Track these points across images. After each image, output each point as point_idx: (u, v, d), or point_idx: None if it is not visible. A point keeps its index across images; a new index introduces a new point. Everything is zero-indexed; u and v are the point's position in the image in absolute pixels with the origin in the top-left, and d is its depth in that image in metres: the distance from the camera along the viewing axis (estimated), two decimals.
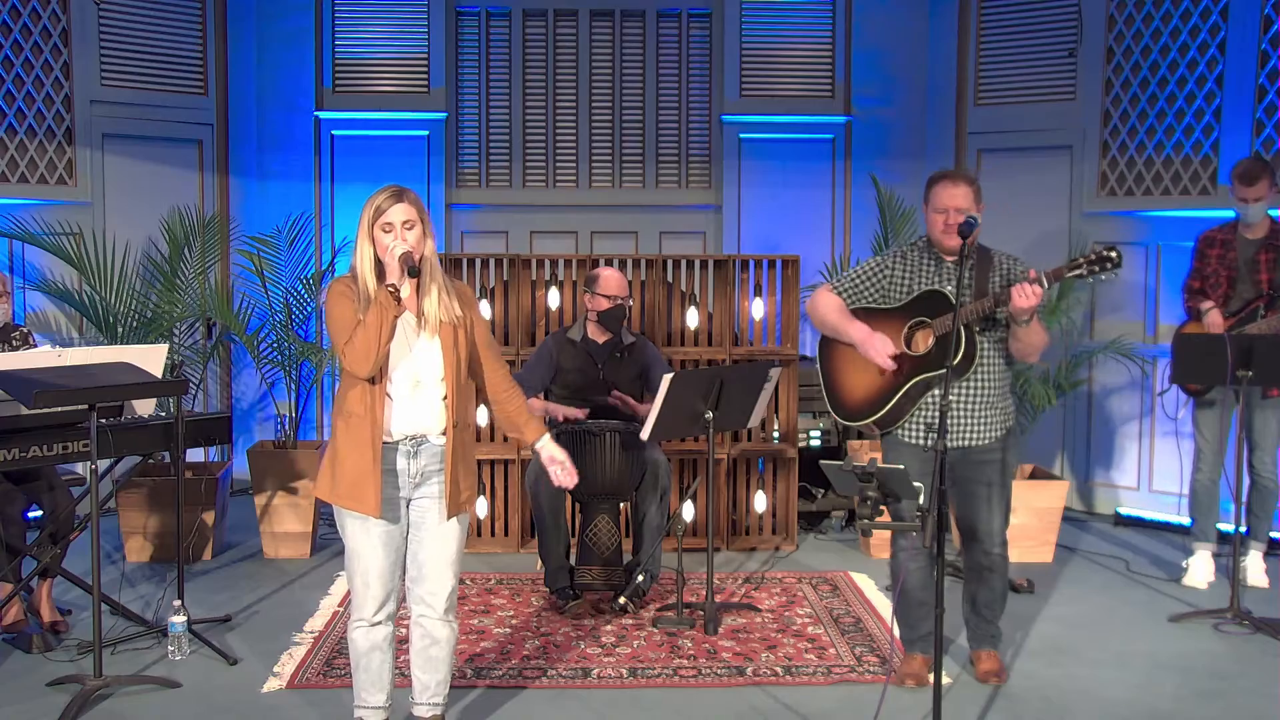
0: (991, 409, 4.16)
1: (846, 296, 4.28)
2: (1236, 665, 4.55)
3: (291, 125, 7.63)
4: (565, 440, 5.08)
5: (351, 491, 3.43)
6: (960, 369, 4.05)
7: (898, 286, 4.22)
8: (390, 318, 3.34)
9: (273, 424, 6.86)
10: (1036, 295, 3.87)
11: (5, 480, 4.69)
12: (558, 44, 7.79)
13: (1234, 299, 5.42)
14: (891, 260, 4.25)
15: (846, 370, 4.28)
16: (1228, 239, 5.46)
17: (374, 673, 3.58)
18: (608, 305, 5.29)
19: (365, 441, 3.41)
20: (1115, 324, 6.82)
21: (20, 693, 4.18)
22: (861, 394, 4.24)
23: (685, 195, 7.84)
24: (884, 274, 4.24)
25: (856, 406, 4.26)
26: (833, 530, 6.54)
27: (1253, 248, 5.40)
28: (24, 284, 6.58)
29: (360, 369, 3.35)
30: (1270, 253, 5.38)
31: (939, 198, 4.11)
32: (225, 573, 5.72)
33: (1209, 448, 5.50)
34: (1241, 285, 5.41)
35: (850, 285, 4.28)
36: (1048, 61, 7.04)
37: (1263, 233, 5.40)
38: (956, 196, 4.08)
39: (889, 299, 4.23)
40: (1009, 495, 4.27)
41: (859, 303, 4.26)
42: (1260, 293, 5.36)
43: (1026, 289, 3.87)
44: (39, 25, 6.66)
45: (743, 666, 4.46)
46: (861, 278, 4.27)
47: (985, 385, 4.14)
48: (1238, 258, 5.42)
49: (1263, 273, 5.37)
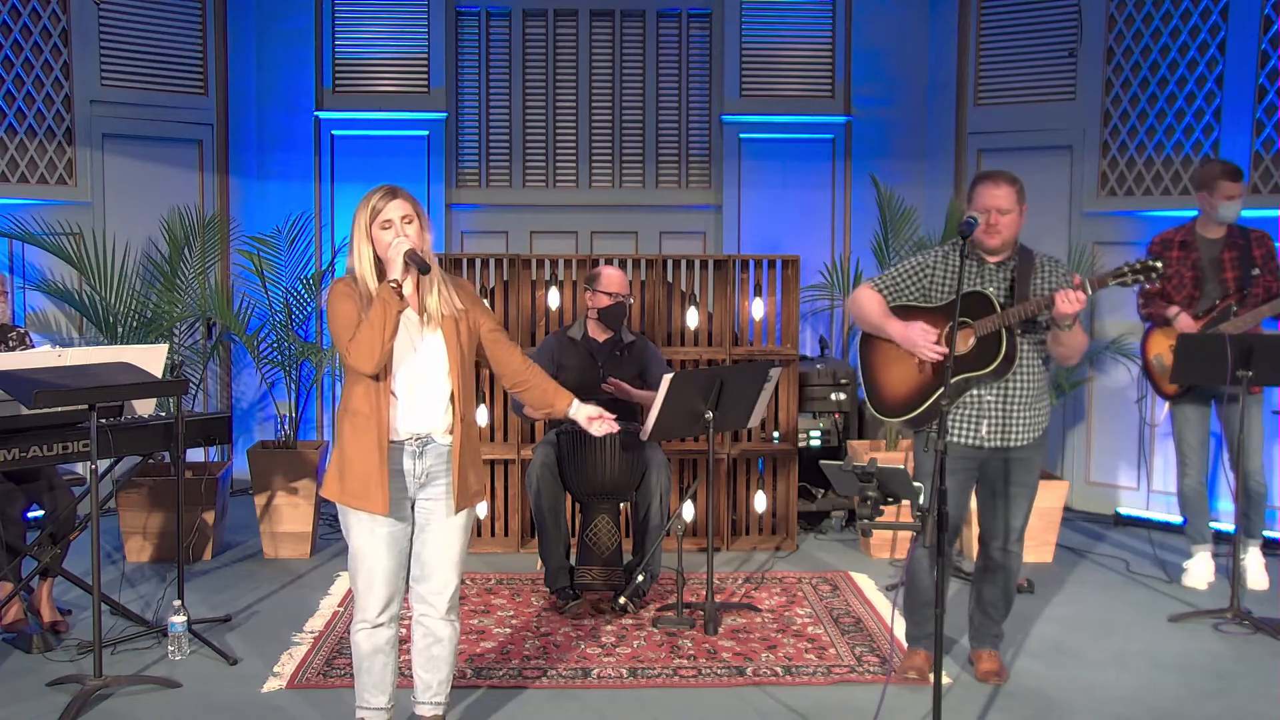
0: (1030, 409, 4.18)
1: (888, 294, 4.27)
2: (1236, 665, 4.55)
3: (291, 125, 7.62)
4: (565, 440, 5.09)
5: (359, 490, 3.43)
6: (1000, 370, 4.08)
7: (939, 286, 4.22)
8: (394, 313, 3.34)
9: (273, 424, 6.86)
10: (1081, 302, 3.90)
11: (5, 480, 4.69)
12: (558, 44, 7.79)
13: (1201, 300, 5.44)
14: (934, 259, 4.25)
15: (887, 367, 4.29)
16: (1187, 240, 5.49)
17: (377, 674, 3.58)
18: (608, 302, 5.29)
19: (372, 440, 3.41)
20: (1115, 324, 6.82)
21: (20, 693, 4.18)
22: (902, 391, 4.25)
23: (685, 195, 7.84)
24: (925, 273, 4.24)
25: (896, 403, 4.27)
26: (833, 530, 6.54)
27: (1216, 247, 5.44)
28: (24, 284, 6.58)
29: (365, 365, 3.35)
30: (1234, 251, 5.42)
31: (980, 198, 4.10)
32: (225, 573, 5.72)
33: (1192, 451, 5.51)
34: (1208, 285, 5.44)
35: (892, 283, 4.28)
36: (1048, 61, 7.04)
37: (1223, 232, 5.45)
38: (998, 197, 4.08)
39: (930, 298, 4.23)
40: (1034, 498, 4.30)
41: (900, 300, 4.26)
42: (1228, 291, 5.39)
43: (1071, 295, 3.89)
44: (39, 25, 6.66)
45: (743, 666, 4.46)
46: (903, 276, 4.27)
47: (1025, 386, 4.15)
48: (1201, 258, 5.45)
49: (1228, 271, 5.41)
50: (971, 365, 4.08)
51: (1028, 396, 4.16)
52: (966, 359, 4.08)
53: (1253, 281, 5.37)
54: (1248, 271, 5.38)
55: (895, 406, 4.27)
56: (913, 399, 4.21)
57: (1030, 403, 4.17)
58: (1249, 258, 5.40)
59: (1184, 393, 5.46)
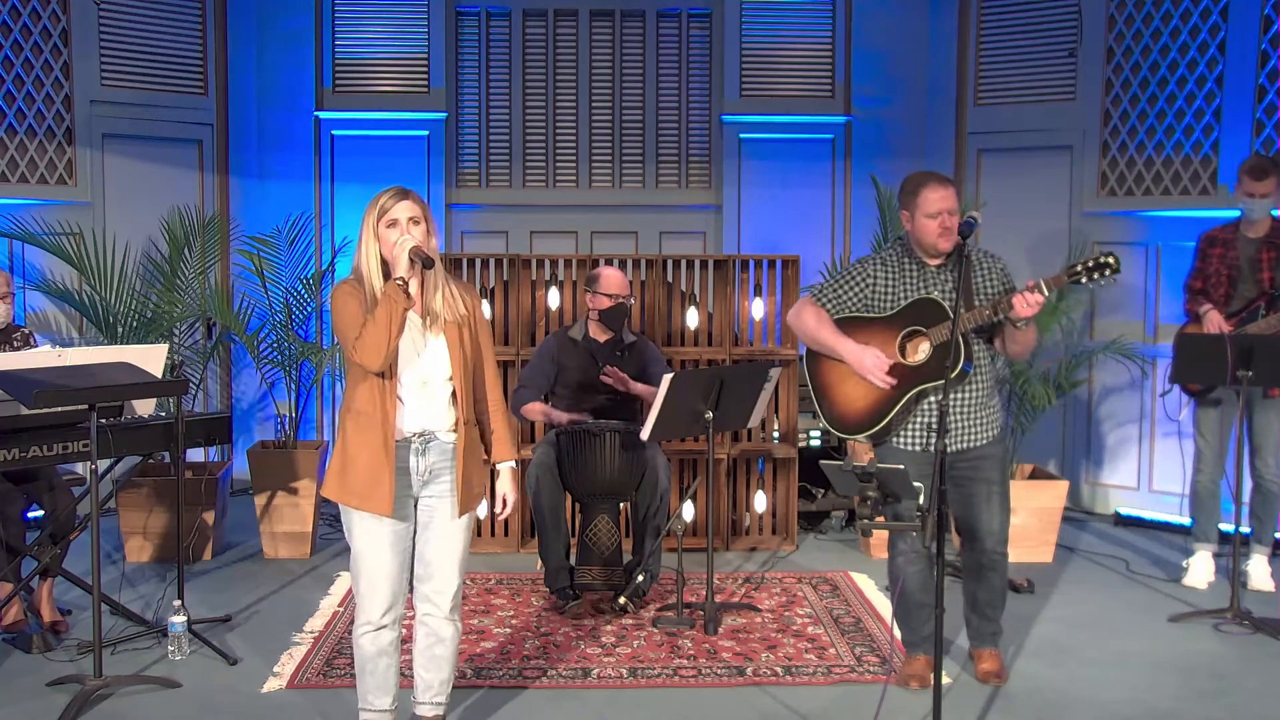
0: (985, 409, 4.18)
1: (830, 307, 4.20)
2: (1236, 665, 4.55)
3: (291, 125, 7.62)
4: (565, 440, 5.09)
5: (364, 491, 3.42)
6: (960, 376, 4.04)
7: (881, 294, 4.15)
8: (400, 310, 3.34)
9: (273, 424, 6.87)
10: (1038, 303, 3.88)
11: (5, 480, 4.69)
12: (558, 44, 7.79)
13: (1235, 298, 5.41)
14: (871, 267, 4.18)
15: (838, 383, 4.20)
16: (1229, 238, 5.45)
17: (380, 676, 3.57)
18: (609, 304, 5.29)
19: (377, 440, 3.41)
20: (1115, 324, 6.82)
21: (20, 693, 4.18)
22: (858, 406, 4.17)
23: (685, 195, 7.84)
24: (865, 282, 4.17)
25: (853, 419, 4.19)
26: (833, 530, 6.54)
27: (1254, 246, 5.39)
28: (24, 284, 6.57)
29: (372, 362, 3.35)
30: (1272, 251, 5.36)
31: (931, 202, 4.03)
32: (225, 573, 5.72)
33: (1210, 450, 5.49)
34: (1243, 284, 5.40)
35: (833, 296, 4.21)
36: (1048, 61, 7.04)
37: (1264, 231, 5.39)
38: (949, 198, 4.04)
39: (874, 307, 4.17)
40: (1008, 494, 4.27)
41: (843, 312, 4.19)
42: (1261, 291, 5.35)
43: (1029, 297, 3.87)
44: (39, 25, 6.66)
45: (743, 666, 4.46)
46: (843, 287, 4.20)
47: (979, 388, 4.15)
48: (1239, 256, 5.41)
49: (1264, 271, 5.36)
50: (931, 375, 4.02)
51: (982, 396, 4.16)
52: (926, 367, 4.03)
53: None
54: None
55: (853, 423, 4.19)
56: (871, 413, 4.14)
57: (985, 401, 4.17)
58: None
59: (1208, 391, 5.44)
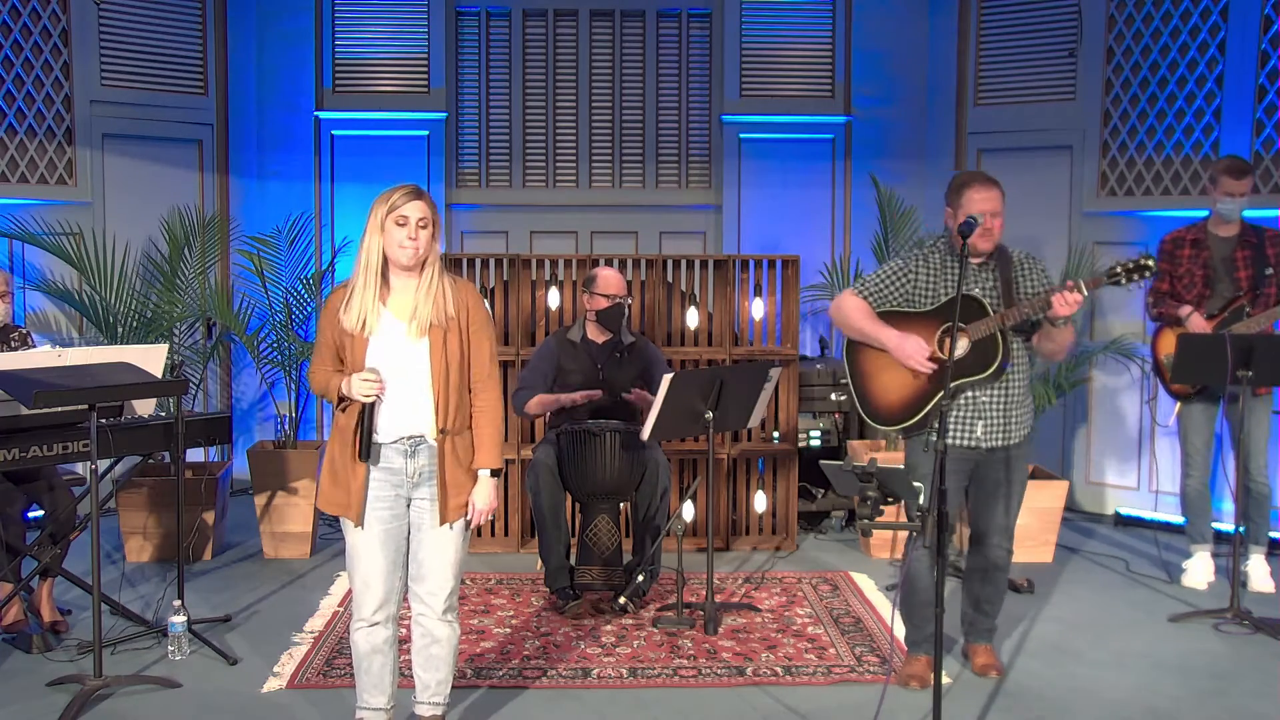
0: (1021, 407, 4.21)
1: (873, 300, 4.25)
2: (1236, 665, 4.55)
3: (291, 125, 7.62)
4: (566, 440, 5.09)
5: (342, 499, 3.49)
6: (999, 372, 4.08)
7: (922, 290, 4.21)
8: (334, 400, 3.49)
9: (273, 424, 6.86)
10: (1077, 303, 3.93)
11: (5, 480, 4.69)
12: (558, 44, 7.79)
13: (1213, 299, 5.40)
14: (915, 264, 4.24)
15: (878, 374, 4.24)
16: (1198, 238, 5.44)
17: (375, 675, 3.59)
18: (606, 304, 5.28)
19: (349, 452, 3.47)
20: (1115, 324, 6.82)
21: (20, 693, 4.18)
22: (896, 398, 4.21)
23: (685, 195, 7.84)
24: (908, 277, 4.23)
25: (890, 411, 4.23)
26: (833, 530, 6.54)
27: (1228, 246, 5.39)
28: (24, 284, 6.58)
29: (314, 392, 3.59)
30: (1247, 250, 5.36)
31: (975, 203, 4.08)
32: (225, 573, 5.72)
33: (1198, 453, 5.49)
34: (1220, 285, 5.40)
35: (875, 289, 4.25)
36: (1048, 61, 7.04)
37: (1235, 231, 5.40)
38: (992, 200, 4.08)
39: (914, 302, 4.22)
40: (1024, 493, 4.32)
41: (884, 306, 4.25)
42: (1240, 291, 5.36)
43: (1068, 297, 3.91)
44: (39, 25, 6.66)
45: (743, 666, 4.46)
46: (886, 281, 4.25)
47: (1017, 384, 4.18)
48: (1212, 256, 5.40)
49: (1240, 270, 5.37)
50: (970, 369, 4.07)
51: (1020, 394, 4.19)
52: (964, 363, 4.06)
53: (1266, 281, 5.31)
54: (1261, 271, 5.32)
55: (890, 414, 4.23)
56: (908, 405, 4.18)
57: (1022, 400, 4.21)
58: (1262, 257, 5.33)
59: (1194, 393, 5.44)
